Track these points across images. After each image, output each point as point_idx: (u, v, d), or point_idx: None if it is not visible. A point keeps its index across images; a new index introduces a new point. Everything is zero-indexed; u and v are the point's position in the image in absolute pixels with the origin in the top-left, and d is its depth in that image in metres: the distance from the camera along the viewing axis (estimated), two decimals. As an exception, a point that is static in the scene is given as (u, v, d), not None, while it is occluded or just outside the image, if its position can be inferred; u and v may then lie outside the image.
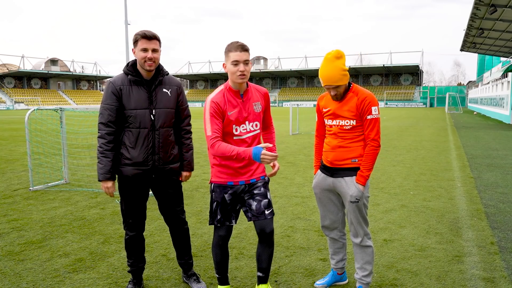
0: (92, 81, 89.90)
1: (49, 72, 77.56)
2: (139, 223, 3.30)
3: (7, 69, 74.34)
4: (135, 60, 3.14)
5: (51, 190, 7.07)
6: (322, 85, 3.06)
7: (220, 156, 2.84)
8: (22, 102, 70.11)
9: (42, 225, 5.08)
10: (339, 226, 3.36)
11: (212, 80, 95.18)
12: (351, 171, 3.11)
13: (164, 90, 3.17)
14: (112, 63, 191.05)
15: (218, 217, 3.00)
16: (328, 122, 3.20)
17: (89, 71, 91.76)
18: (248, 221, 3.06)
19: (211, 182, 3.05)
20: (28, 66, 75.86)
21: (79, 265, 3.86)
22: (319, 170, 3.35)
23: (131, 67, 3.10)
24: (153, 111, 3.09)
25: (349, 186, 3.09)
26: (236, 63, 2.78)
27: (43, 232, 4.81)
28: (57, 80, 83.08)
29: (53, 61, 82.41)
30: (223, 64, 2.89)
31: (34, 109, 7.63)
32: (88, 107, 10.71)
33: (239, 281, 3.54)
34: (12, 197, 6.57)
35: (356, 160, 3.10)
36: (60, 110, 7.76)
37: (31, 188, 7.07)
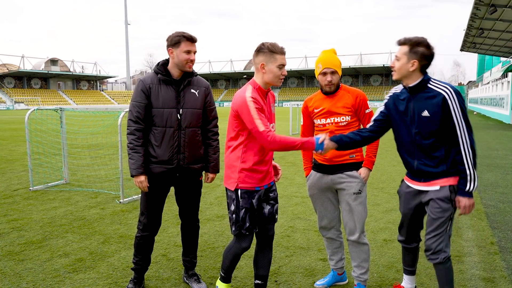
0: (92, 81, 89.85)
1: (49, 72, 77.55)
2: (155, 224, 3.32)
3: (7, 69, 74.33)
4: (166, 60, 3.17)
5: (51, 190, 7.07)
6: (320, 71, 3.12)
7: (281, 149, 2.71)
8: (22, 102, 70.08)
9: (42, 225, 5.08)
10: (336, 225, 3.39)
11: (212, 80, 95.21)
12: (351, 166, 3.20)
13: (192, 90, 3.21)
14: (112, 63, 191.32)
15: (247, 224, 2.84)
16: (321, 121, 3.24)
17: (89, 71, 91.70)
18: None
19: (237, 188, 2.84)
20: (28, 66, 75.88)
21: (79, 265, 3.86)
22: (312, 171, 3.38)
23: (162, 67, 3.14)
24: (180, 110, 3.13)
25: (351, 179, 3.18)
26: (281, 66, 2.76)
27: (43, 232, 4.81)
28: (57, 80, 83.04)
29: (53, 61, 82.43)
30: (261, 64, 2.75)
31: (34, 109, 7.63)
32: (88, 107, 10.72)
33: (239, 281, 3.54)
34: (12, 197, 6.57)
35: (354, 155, 3.20)
36: (60, 110, 7.76)
37: (31, 188, 7.07)
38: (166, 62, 3.17)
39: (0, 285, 3.46)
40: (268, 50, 2.73)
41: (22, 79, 77.26)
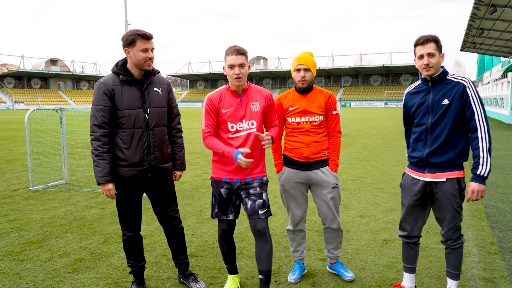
0: (92, 81, 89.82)
1: (49, 72, 77.53)
2: (137, 222, 3.29)
3: (7, 69, 74.29)
4: (125, 59, 3.10)
5: (51, 190, 7.07)
6: (295, 67, 3.32)
7: (210, 149, 3.07)
8: (22, 102, 70.09)
9: (42, 225, 5.08)
10: (305, 216, 3.59)
11: (212, 80, 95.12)
12: (323, 162, 3.42)
13: (155, 89, 3.16)
14: (112, 63, 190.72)
15: (216, 210, 3.17)
16: (295, 119, 3.36)
17: (89, 71, 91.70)
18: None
19: (211, 178, 3.21)
20: (28, 66, 75.85)
21: (79, 265, 3.86)
22: (285, 167, 3.49)
23: (122, 67, 3.05)
24: (147, 110, 3.08)
25: (328, 174, 3.40)
26: (231, 66, 2.95)
27: (43, 232, 4.81)
28: (57, 80, 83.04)
29: (53, 61, 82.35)
30: (223, 67, 3.06)
31: (34, 109, 7.63)
32: (88, 107, 10.68)
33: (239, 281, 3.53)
34: (12, 197, 6.57)
35: (326, 152, 3.41)
36: (60, 110, 7.77)
37: (31, 188, 7.07)
38: (125, 62, 3.09)
39: (0, 285, 3.46)
40: (224, 54, 3.00)
41: (22, 79, 77.26)
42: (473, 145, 2.85)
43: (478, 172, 2.81)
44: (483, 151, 2.80)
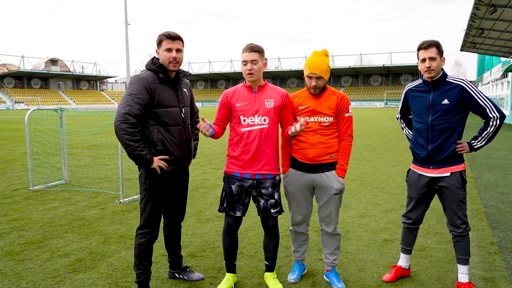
0: (92, 81, 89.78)
1: (49, 72, 77.45)
2: (159, 224, 3.28)
3: (7, 69, 74.28)
4: (158, 59, 3.16)
5: (51, 190, 7.07)
6: (306, 74, 3.27)
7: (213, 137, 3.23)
8: (22, 102, 70.04)
9: (42, 225, 5.08)
10: (307, 220, 3.53)
11: (212, 80, 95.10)
12: (330, 165, 3.32)
13: (184, 89, 3.28)
14: (112, 63, 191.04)
15: (224, 205, 3.24)
16: (304, 119, 3.29)
17: (89, 71, 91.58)
18: (258, 214, 3.31)
19: (224, 172, 3.31)
20: (28, 66, 75.80)
21: (79, 265, 3.86)
22: (290, 168, 3.46)
23: (160, 66, 3.10)
24: (182, 109, 3.20)
25: (332, 179, 3.30)
26: (244, 63, 3.10)
27: (43, 232, 4.81)
28: (57, 80, 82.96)
29: (53, 61, 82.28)
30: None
31: (34, 109, 7.63)
32: (88, 107, 10.71)
33: (239, 281, 3.53)
34: (12, 197, 6.57)
35: (333, 155, 3.32)
36: (60, 110, 7.76)
37: (31, 188, 7.07)
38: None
39: (0, 285, 3.46)
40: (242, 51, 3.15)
41: (22, 79, 77.21)
42: (484, 125, 3.16)
43: (473, 143, 3.18)
44: (489, 132, 3.14)
